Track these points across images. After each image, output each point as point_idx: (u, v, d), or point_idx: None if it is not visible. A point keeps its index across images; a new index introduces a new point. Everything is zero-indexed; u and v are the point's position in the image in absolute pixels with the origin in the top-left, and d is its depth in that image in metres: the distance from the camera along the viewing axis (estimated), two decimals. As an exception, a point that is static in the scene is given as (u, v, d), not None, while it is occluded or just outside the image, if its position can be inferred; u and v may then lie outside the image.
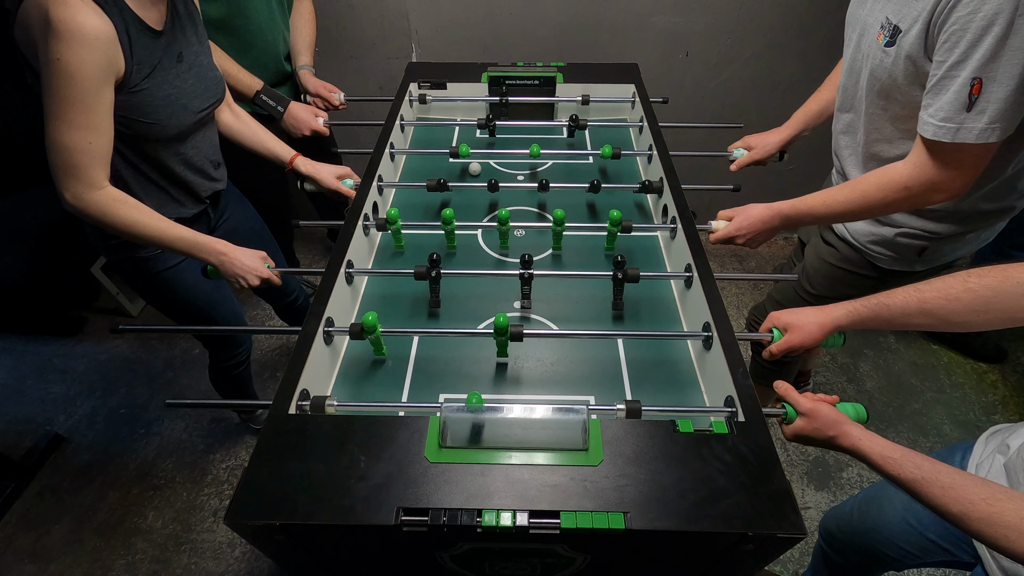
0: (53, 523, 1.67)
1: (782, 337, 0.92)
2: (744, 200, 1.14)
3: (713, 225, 1.14)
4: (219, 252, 1.09)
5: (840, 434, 0.75)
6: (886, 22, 0.92)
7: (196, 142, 1.15)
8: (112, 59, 0.90)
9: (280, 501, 0.67)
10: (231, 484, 1.76)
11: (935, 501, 0.64)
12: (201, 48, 1.11)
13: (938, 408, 1.94)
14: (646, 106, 1.48)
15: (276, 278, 1.15)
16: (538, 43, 2.02)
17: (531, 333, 0.98)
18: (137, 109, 0.99)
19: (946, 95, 0.83)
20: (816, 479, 1.75)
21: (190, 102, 1.07)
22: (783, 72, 2.07)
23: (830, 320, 0.88)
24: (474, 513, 0.66)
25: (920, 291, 0.80)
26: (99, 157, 0.95)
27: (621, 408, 0.80)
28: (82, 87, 0.88)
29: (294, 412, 0.80)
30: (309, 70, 1.65)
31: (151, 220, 1.03)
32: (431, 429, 0.75)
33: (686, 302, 1.06)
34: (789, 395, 0.83)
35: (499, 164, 1.48)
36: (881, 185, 0.96)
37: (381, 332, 0.93)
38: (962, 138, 0.83)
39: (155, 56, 0.99)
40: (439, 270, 1.03)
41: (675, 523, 0.65)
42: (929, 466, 0.66)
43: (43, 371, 2.11)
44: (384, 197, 1.32)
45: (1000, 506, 0.59)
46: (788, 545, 0.68)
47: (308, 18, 1.67)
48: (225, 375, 1.57)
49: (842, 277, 1.24)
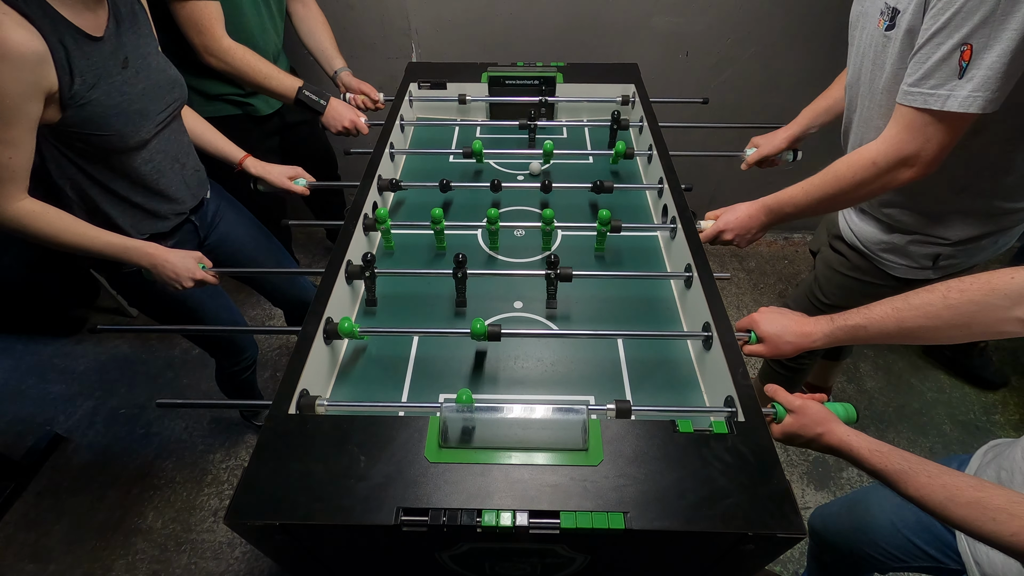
0: (53, 523, 1.67)
1: (757, 341, 0.92)
2: (743, 199, 1.14)
3: (702, 225, 1.14)
4: (149, 255, 1.07)
5: (827, 431, 0.75)
6: (885, 8, 0.90)
7: (163, 147, 1.11)
8: (41, 76, 0.87)
9: (280, 501, 0.67)
10: (231, 484, 1.76)
11: (922, 491, 0.62)
12: (149, 50, 1.07)
13: (938, 408, 1.94)
14: (646, 106, 1.48)
15: (212, 278, 1.13)
16: (538, 43, 2.02)
17: (531, 333, 0.99)
18: (90, 122, 0.96)
19: (933, 61, 0.80)
20: (816, 479, 1.75)
21: (145, 107, 1.04)
22: (783, 72, 2.07)
23: (807, 343, 0.87)
24: (474, 513, 0.66)
25: (898, 310, 0.78)
26: (16, 172, 0.92)
27: (611, 408, 0.80)
28: (3, 103, 0.85)
29: (294, 412, 0.80)
30: (347, 71, 1.67)
31: (75, 227, 1.00)
32: (431, 429, 0.75)
33: (686, 302, 1.06)
34: (778, 395, 0.82)
35: (499, 164, 1.48)
36: (851, 163, 0.95)
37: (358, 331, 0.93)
38: (949, 106, 0.80)
39: (98, 64, 0.95)
40: (465, 271, 1.03)
41: (675, 523, 0.65)
42: (916, 459, 0.66)
43: (43, 371, 2.11)
44: (384, 197, 1.32)
45: (988, 491, 0.57)
46: (788, 545, 0.68)
47: (322, 22, 1.67)
48: (231, 380, 1.58)
49: (854, 286, 1.22)
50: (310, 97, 1.48)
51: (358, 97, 1.64)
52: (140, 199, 1.11)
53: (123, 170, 1.06)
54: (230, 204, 1.42)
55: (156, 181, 1.11)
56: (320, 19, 1.67)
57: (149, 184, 1.11)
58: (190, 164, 1.22)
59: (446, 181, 1.28)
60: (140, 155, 1.07)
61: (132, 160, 1.06)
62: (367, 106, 1.65)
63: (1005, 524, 0.55)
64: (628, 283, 1.14)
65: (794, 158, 1.39)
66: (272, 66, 1.43)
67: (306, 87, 1.48)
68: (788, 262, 2.54)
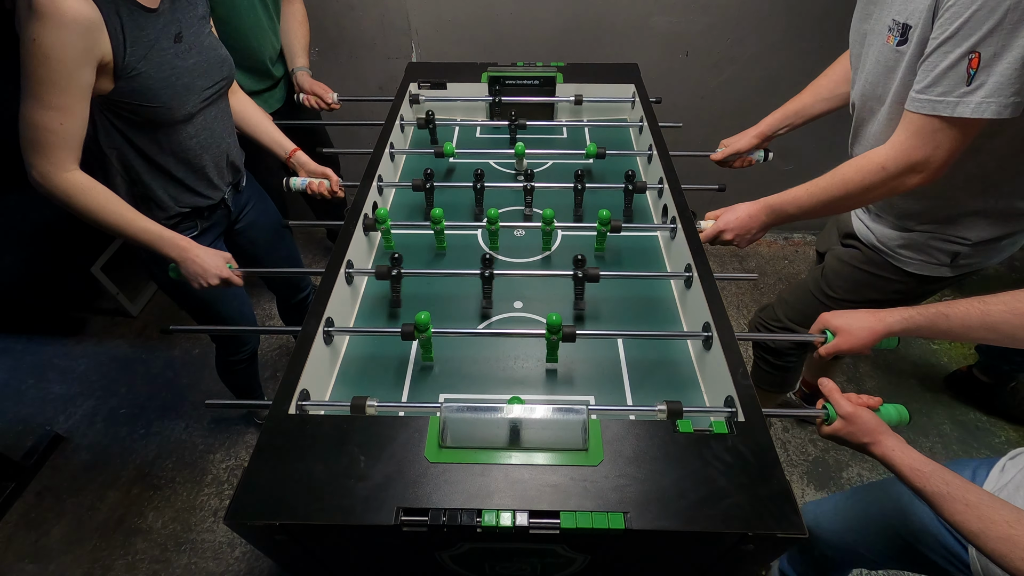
0: (53, 523, 1.67)
1: (833, 339, 0.91)
2: (741, 199, 1.14)
3: (702, 225, 1.14)
4: (181, 248, 1.08)
5: (875, 442, 0.75)
6: (893, 24, 0.91)
7: (208, 123, 1.14)
8: (93, 43, 0.90)
9: (280, 501, 0.67)
10: (231, 484, 1.76)
11: (957, 517, 0.64)
12: (203, 27, 1.10)
13: (938, 408, 1.94)
14: (646, 106, 1.48)
15: (237, 279, 1.14)
16: (538, 43, 2.02)
17: (530, 333, 0.98)
18: (139, 93, 0.98)
19: (940, 69, 0.81)
20: (816, 479, 1.75)
21: (193, 82, 1.06)
22: (783, 72, 2.07)
23: (883, 326, 0.86)
24: (474, 513, 0.66)
25: (985, 303, 0.78)
26: (69, 139, 0.94)
27: (662, 408, 0.81)
28: (56, 68, 0.87)
29: (294, 412, 0.80)
30: (306, 71, 1.67)
31: (116, 208, 1.02)
32: (431, 429, 0.75)
33: (686, 302, 1.06)
34: (833, 396, 0.81)
35: (499, 164, 1.48)
36: (860, 167, 0.95)
37: (433, 333, 0.93)
38: (960, 112, 0.82)
39: (150, 36, 0.98)
40: (492, 271, 1.03)
41: (675, 523, 0.65)
42: (958, 483, 0.66)
43: (43, 371, 2.11)
44: (384, 197, 1.32)
45: (1022, 528, 0.59)
46: (788, 545, 0.68)
47: (301, 20, 1.68)
48: (230, 369, 1.59)
49: (865, 280, 1.21)
50: None
51: (311, 98, 1.66)
52: (182, 174, 1.13)
53: (168, 143, 1.08)
54: (260, 195, 1.44)
55: (199, 157, 1.14)
56: (298, 17, 1.68)
57: (191, 159, 1.13)
58: (233, 145, 1.24)
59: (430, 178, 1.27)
60: (185, 129, 1.09)
61: (178, 134, 1.08)
62: (320, 107, 1.68)
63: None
64: (628, 283, 1.14)
65: (765, 158, 1.40)
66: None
67: None
68: (788, 262, 2.54)
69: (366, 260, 1.19)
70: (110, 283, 2.18)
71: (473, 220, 1.30)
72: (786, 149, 2.26)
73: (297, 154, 1.34)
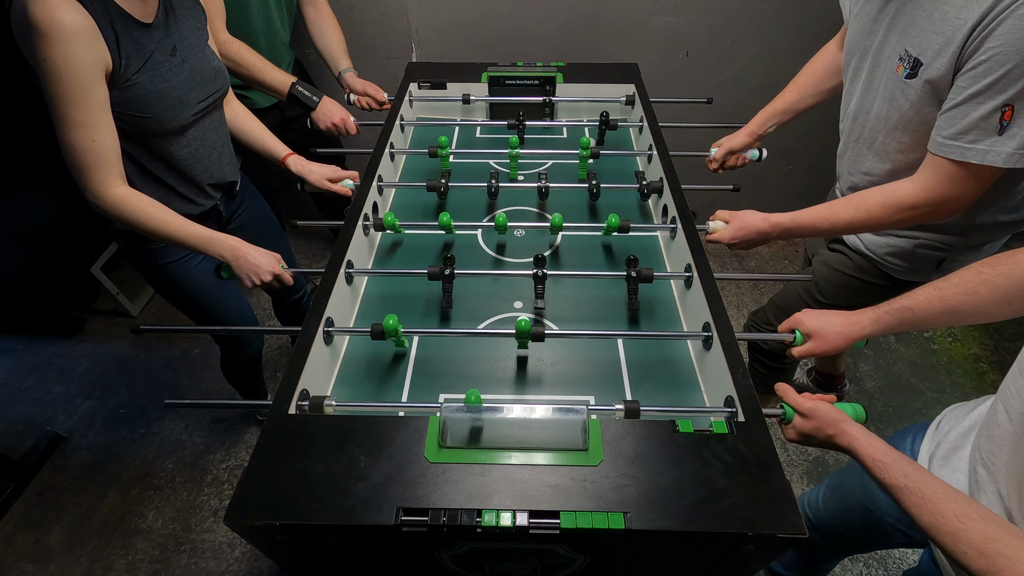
0: (53, 523, 1.67)
1: (804, 341, 0.92)
2: (743, 199, 1.14)
3: (711, 226, 1.14)
4: (233, 247, 1.10)
5: (839, 432, 0.75)
6: (905, 55, 0.92)
7: (201, 134, 1.14)
8: (98, 53, 0.90)
9: (280, 501, 0.67)
10: (231, 484, 1.76)
11: (912, 510, 0.65)
12: (199, 42, 1.11)
13: (938, 408, 1.90)
14: (646, 106, 1.48)
15: (289, 277, 1.15)
16: (538, 43, 2.02)
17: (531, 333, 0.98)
18: (132, 104, 0.99)
19: (971, 119, 0.83)
20: (816, 479, 1.75)
21: (186, 95, 1.07)
22: (783, 72, 2.05)
23: (856, 330, 0.87)
24: (474, 513, 0.66)
25: (940, 289, 0.80)
26: (105, 156, 0.96)
27: (620, 408, 0.80)
28: (71, 83, 0.88)
29: (294, 412, 0.80)
30: (352, 72, 1.67)
31: (166, 216, 1.05)
32: (431, 429, 0.75)
33: (686, 302, 1.06)
34: (787, 395, 0.83)
35: (499, 164, 1.48)
36: (888, 204, 0.97)
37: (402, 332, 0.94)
38: (990, 161, 0.84)
39: (145, 50, 0.99)
40: (453, 270, 1.03)
41: (675, 523, 0.65)
42: (916, 476, 0.66)
43: (43, 371, 2.11)
44: (384, 197, 1.32)
45: (969, 524, 0.60)
46: (788, 545, 0.68)
47: (332, 22, 1.68)
48: (235, 369, 1.60)
49: (853, 286, 1.23)
50: (303, 93, 1.50)
51: (362, 99, 1.65)
52: (173, 182, 1.14)
53: (160, 153, 1.09)
54: (254, 196, 1.44)
55: (191, 166, 1.15)
56: (331, 21, 1.67)
57: (184, 168, 1.14)
58: (227, 154, 1.25)
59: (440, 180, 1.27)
60: (178, 140, 1.10)
61: (170, 144, 1.09)
62: (372, 107, 1.66)
63: (974, 560, 0.58)
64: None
65: (759, 157, 1.41)
66: (267, 62, 1.45)
67: (300, 84, 1.49)
68: (788, 262, 2.54)
69: (366, 260, 1.19)
70: (110, 283, 2.18)
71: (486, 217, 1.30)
72: (786, 149, 2.26)
73: (291, 159, 1.34)
